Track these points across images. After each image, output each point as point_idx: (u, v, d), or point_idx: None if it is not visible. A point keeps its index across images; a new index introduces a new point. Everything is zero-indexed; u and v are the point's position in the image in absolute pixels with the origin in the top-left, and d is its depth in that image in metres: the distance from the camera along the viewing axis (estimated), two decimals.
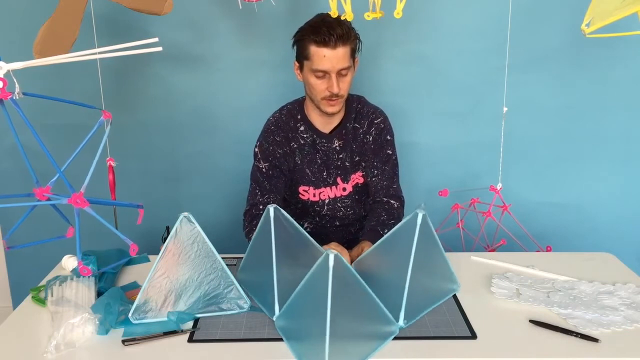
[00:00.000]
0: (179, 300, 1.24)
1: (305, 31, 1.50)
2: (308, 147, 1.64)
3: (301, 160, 1.64)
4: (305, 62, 1.52)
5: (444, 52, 2.08)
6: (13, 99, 1.12)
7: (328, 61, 1.47)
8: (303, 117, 1.64)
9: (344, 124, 1.64)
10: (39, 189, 1.21)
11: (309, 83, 1.54)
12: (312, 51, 1.48)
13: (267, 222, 1.21)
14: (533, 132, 2.15)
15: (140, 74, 2.10)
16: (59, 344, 1.12)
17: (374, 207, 1.66)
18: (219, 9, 2.01)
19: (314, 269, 1.04)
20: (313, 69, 1.50)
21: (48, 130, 2.02)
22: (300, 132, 1.63)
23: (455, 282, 1.33)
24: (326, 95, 1.52)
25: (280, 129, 1.63)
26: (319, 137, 1.63)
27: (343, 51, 1.47)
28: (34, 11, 1.92)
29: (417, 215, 1.14)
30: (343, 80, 1.51)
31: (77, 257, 1.33)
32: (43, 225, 1.54)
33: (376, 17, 1.33)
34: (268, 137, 1.62)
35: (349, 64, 1.50)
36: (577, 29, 1.79)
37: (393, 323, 1.14)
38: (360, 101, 1.68)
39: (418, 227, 1.14)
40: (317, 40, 1.46)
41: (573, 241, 2.19)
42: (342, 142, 1.64)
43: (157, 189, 2.22)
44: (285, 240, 1.22)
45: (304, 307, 1.11)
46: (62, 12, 1.39)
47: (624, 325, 1.18)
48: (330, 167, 1.65)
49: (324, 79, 1.50)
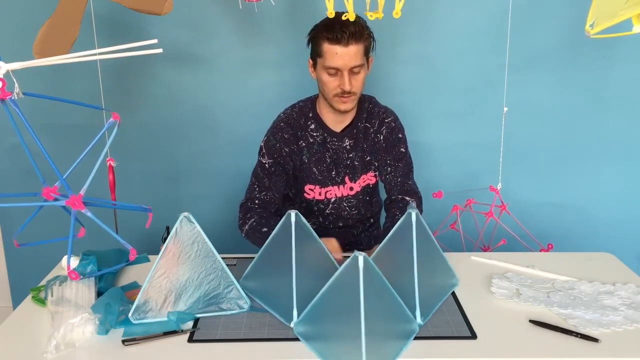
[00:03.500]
0: (179, 300, 1.24)
1: (319, 29, 1.51)
2: (317, 145, 1.63)
3: (308, 159, 1.64)
4: (319, 59, 1.52)
5: (444, 52, 2.08)
6: (12, 99, 1.12)
7: (340, 58, 1.47)
8: (315, 115, 1.63)
9: (356, 123, 1.64)
10: (46, 189, 1.21)
11: (321, 80, 1.54)
12: (325, 48, 1.48)
13: (287, 226, 1.20)
14: (533, 132, 2.15)
15: (141, 74, 2.10)
16: (59, 344, 1.12)
17: (389, 206, 1.66)
18: (219, 9, 2.02)
19: (341, 270, 1.05)
20: (325, 66, 1.50)
21: (48, 130, 2.02)
22: (310, 130, 1.63)
23: (454, 277, 1.35)
24: (338, 92, 1.52)
25: (289, 126, 1.62)
26: (330, 136, 1.63)
27: (355, 49, 1.47)
28: (34, 11, 1.92)
29: (411, 215, 1.17)
30: (355, 78, 1.51)
31: (75, 258, 1.34)
32: (44, 225, 1.54)
33: (378, 17, 1.34)
34: (276, 134, 1.62)
35: (361, 62, 1.50)
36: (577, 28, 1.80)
37: (413, 321, 1.15)
38: (371, 101, 1.68)
39: (414, 226, 1.17)
40: (329, 37, 1.47)
41: (573, 241, 2.19)
42: (352, 141, 1.64)
43: (157, 189, 2.22)
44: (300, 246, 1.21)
45: (331, 309, 1.10)
46: (62, 12, 1.39)
47: (624, 325, 1.18)
48: (340, 166, 1.65)
49: (336, 77, 1.51)
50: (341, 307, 1.07)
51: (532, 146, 2.17)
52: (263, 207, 1.59)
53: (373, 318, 1.02)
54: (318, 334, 1.13)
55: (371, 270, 1.03)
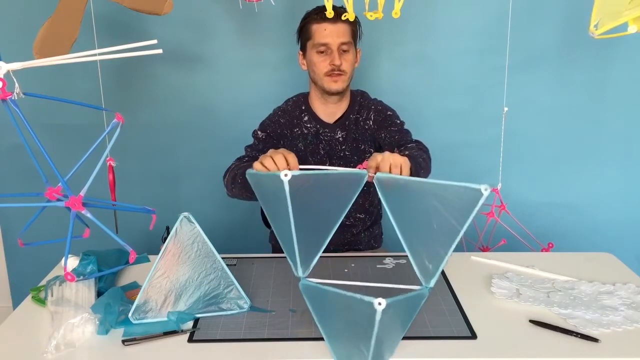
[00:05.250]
0: (179, 300, 1.24)
1: (307, 15, 1.58)
2: (311, 136, 1.66)
3: (304, 148, 1.66)
4: (308, 42, 1.58)
5: (444, 52, 2.08)
6: (12, 99, 1.12)
7: (329, 35, 1.53)
8: (307, 107, 1.68)
9: (347, 115, 1.67)
10: (50, 189, 1.21)
11: (312, 62, 1.59)
12: (314, 28, 1.55)
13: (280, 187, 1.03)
14: (533, 132, 2.15)
15: (141, 74, 2.10)
16: (59, 344, 1.12)
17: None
18: (219, 9, 2.02)
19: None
20: (315, 44, 1.56)
21: (48, 130, 2.02)
22: (304, 121, 1.67)
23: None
24: (328, 70, 1.56)
25: (286, 114, 1.68)
26: (323, 127, 1.66)
27: (343, 27, 1.54)
28: (34, 11, 1.92)
29: (482, 192, 1.00)
30: (345, 58, 1.57)
31: (75, 258, 1.34)
32: (45, 224, 1.53)
33: (378, 17, 1.34)
34: (273, 117, 1.68)
35: (349, 39, 1.56)
36: (577, 28, 1.80)
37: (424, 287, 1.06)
38: (363, 95, 1.72)
39: (481, 201, 1.01)
40: (318, 17, 1.54)
41: (573, 241, 2.19)
42: (345, 133, 1.66)
43: (157, 189, 2.22)
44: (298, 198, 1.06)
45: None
46: (62, 12, 1.39)
47: (624, 325, 1.18)
48: (333, 158, 1.67)
49: (326, 55, 1.56)
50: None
51: (532, 146, 2.17)
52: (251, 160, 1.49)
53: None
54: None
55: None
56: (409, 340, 1.14)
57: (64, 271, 1.37)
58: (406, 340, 1.14)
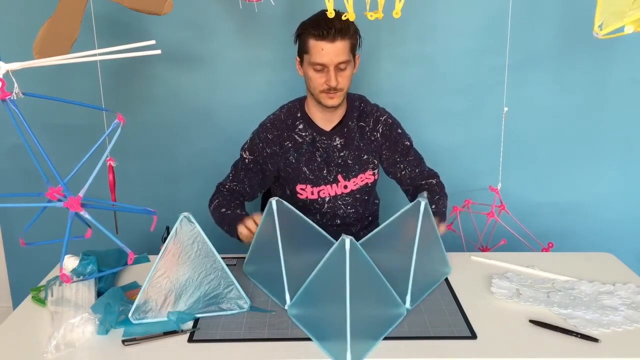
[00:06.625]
0: (179, 300, 1.24)
1: (305, 25, 1.52)
2: (307, 145, 1.64)
3: (297, 159, 1.64)
4: (305, 55, 1.54)
5: (444, 52, 2.08)
6: (12, 99, 1.12)
7: (326, 54, 1.48)
8: (303, 114, 1.64)
9: (346, 121, 1.64)
10: (51, 189, 1.20)
11: (308, 76, 1.56)
12: (311, 44, 1.50)
13: (270, 214, 1.25)
14: (533, 132, 2.15)
15: (140, 74, 2.10)
16: (59, 344, 1.12)
17: (415, 193, 1.69)
18: (219, 9, 2.02)
19: (330, 253, 1.08)
20: (311, 62, 1.51)
21: (48, 130, 2.02)
22: (298, 130, 1.64)
23: (447, 266, 1.42)
24: (324, 88, 1.53)
25: (275, 128, 1.64)
26: (319, 135, 1.64)
27: (342, 45, 1.48)
28: (34, 11, 1.92)
29: (420, 204, 1.23)
30: (342, 75, 1.52)
31: (75, 258, 1.34)
32: (46, 224, 1.53)
33: (378, 17, 1.34)
34: (261, 134, 1.65)
35: (347, 58, 1.51)
36: (577, 28, 1.80)
37: (401, 305, 1.21)
38: (362, 100, 1.69)
39: (421, 214, 1.22)
40: (315, 34, 1.48)
41: (573, 241, 2.19)
42: (343, 140, 1.65)
43: (157, 189, 2.22)
44: (290, 230, 1.26)
45: (320, 292, 1.15)
46: (62, 12, 1.39)
47: (624, 325, 1.18)
48: (331, 165, 1.66)
49: (323, 73, 1.52)
50: (330, 289, 1.11)
51: (532, 146, 2.16)
52: (230, 193, 1.66)
53: (359, 300, 1.05)
54: (310, 316, 1.17)
55: (358, 253, 1.06)
56: (409, 340, 1.15)
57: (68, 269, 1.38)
58: (406, 340, 1.14)
